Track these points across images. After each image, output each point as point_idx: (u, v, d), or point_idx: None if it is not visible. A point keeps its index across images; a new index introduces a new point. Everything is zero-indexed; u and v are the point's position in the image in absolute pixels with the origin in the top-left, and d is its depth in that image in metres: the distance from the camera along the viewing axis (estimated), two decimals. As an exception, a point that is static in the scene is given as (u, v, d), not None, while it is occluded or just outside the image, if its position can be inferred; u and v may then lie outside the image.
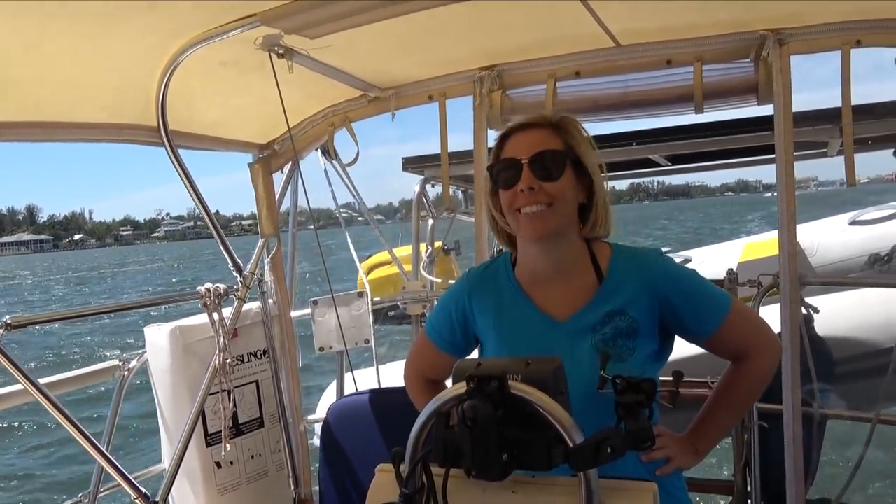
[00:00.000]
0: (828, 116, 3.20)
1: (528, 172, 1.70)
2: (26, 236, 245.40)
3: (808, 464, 2.56)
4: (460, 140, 3.09)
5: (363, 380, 3.35)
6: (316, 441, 3.60)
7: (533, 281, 1.83)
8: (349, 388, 3.30)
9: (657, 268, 1.77)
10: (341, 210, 3.48)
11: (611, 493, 1.29)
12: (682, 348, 1.91)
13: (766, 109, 2.69)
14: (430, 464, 1.35)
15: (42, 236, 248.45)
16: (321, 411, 4.48)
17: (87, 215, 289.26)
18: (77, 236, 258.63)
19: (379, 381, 3.36)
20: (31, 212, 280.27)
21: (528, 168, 1.70)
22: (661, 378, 1.72)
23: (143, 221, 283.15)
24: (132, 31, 2.02)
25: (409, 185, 4.45)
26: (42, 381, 2.30)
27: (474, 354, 1.99)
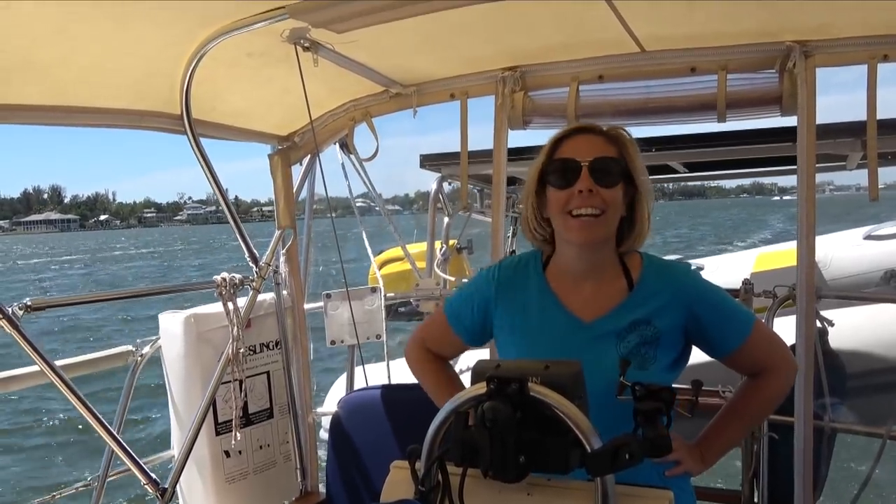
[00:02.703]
0: (849, 130, 3.18)
1: (587, 175, 1.71)
2: (54, 215, 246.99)
3: (816, 477, 2.55)
4: (478, 139, 3.09)
5: (372, 374, 3.36)
6: (323, 434, 3.62)
7: (563, 281, 1.85)
8: (359, 383, 3.31)
9: (688, 282, 1.80)
10: (357, 204, 3.49)
11: (627, 499, 1.30)
12: (697, 356, 1.92)
13: (786, 119, 2.69)
14: (446, 463, 1.36)
15: (69, 216, 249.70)
16: (329, 405, 4.49)
17: (110, 196, 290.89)
18: (103, 217, 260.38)
19: (389, 377, 3.37)
20: (57, 192, 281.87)
21: (588, 171, 1.71)
22: (679, 386, 1.73)
23: (165, 204, 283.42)
24: (161, 19, 2.03)
25: (425, 176, 4.46)
26: (57, 363, 2.31)
27: (484, 353, 1.99)
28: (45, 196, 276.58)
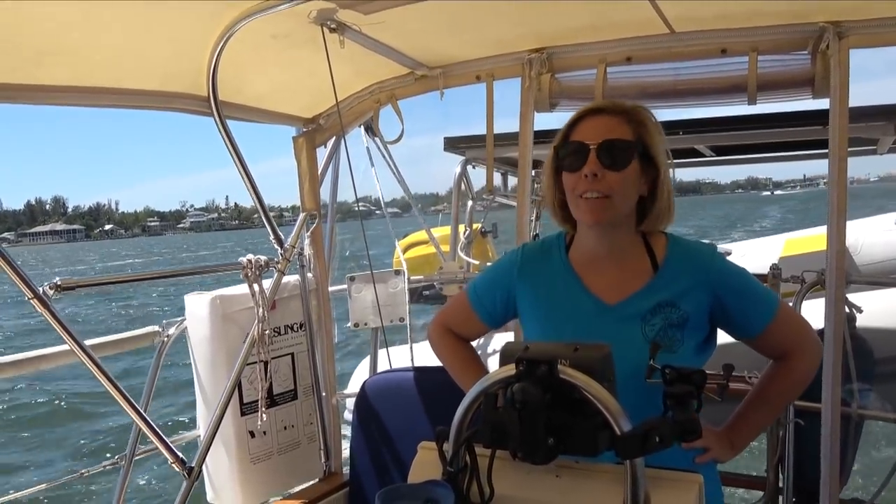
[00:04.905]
0: (882, 113, 3.13)
1: (594, 158, 1.69)
2: (59, 226, 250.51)
3: (843, 464, 2.53)
4: (502, 123, 3.08)
5: (395, 357, 3.36)
6: (346, 415, 3.64)
7: (586, 263, 1.84)
8: (383, 366, 3.32)
9: (712, 265, 1.77)
10: (382, 194, 3.49)
11: (656, 482, 1.29)
12: (726, 340, 1.90)
13: (816, 102, 2.64)
14: (475, 444, 1.36)
15: (75, 226, 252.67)
16: (353, 387, 4.51)
17: (113, 206, 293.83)
18: (108, 227, 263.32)
19: (413, 360, 3.38)
20: (60, 203, 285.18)
21: (595, 154, 1.69)
22: (710, 373, 1.72)
23: (168, 213, 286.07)
24: (188, 1, 2.03)
25: (444, 176, 4.45)
26: (85, 343, 2.34)
27: (508, 336, 1.98)
28: (48, 207, 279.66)
